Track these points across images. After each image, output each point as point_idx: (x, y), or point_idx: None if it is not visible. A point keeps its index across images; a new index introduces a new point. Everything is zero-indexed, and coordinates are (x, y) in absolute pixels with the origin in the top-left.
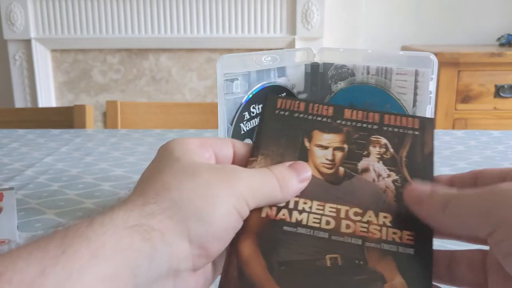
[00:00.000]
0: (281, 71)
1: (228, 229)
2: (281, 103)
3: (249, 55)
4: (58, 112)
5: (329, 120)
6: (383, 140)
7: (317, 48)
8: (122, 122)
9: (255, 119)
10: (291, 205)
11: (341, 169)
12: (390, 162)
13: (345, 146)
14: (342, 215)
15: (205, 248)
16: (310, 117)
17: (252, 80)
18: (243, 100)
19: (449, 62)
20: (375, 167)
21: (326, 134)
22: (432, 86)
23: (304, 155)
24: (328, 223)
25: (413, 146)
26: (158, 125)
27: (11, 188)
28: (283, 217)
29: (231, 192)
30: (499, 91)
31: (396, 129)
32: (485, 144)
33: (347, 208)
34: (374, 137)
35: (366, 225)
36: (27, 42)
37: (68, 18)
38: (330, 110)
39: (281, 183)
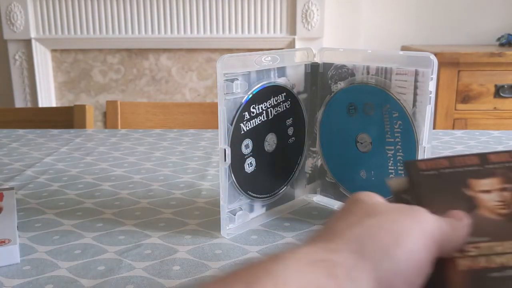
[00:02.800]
0: (281, 71)
1: (415, 269)
2: (423, 165)
3: (249, 55)
4: (58, 112)
5: (479, 168)
6: None
7: (317, 48)
8: (122, 122)
9: (255, 119)
10: (486, 251)
11: None
12: None
13: (508, 185)
14: None
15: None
16: (458, 169)
17: (252, 80)
18: (243, 100)
19: (449, 62)
20: None
21: (483, 180)
22: (432, 86)
23: (471, 204)
24: None
25: None
26: (158, 125)
27: (11, 188)
28: (483, 265)
29: (419, 228)
30: (499, 91)
31: None
32: (485, 144)
33: None
34: None
35: None
36: (27, 42)
37: (68, 18)
38: (475, 159)
39: (456, 226)
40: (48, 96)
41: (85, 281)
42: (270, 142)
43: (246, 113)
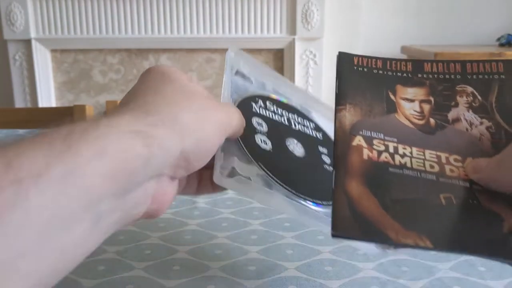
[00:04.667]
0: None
1: (211, 150)
2: (357, 60)
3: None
4: (58, 112)
5: (409, 75)
6: (469, 89)
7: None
8: None
9: (273, 114)
10: (391, 149)
11: (432, 120)
12: (481, 110)
13: (431, 98)
14: (443, 160)
15: (189, 162)
16: (390, 73)
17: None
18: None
19: None
20: (465, 116)
21: (409, 88)
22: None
23: (391, 107)
24: (432, 167)
25: (501, 90)
26: None
27: None
28: (386, 159)
29: (221, 119)
30: None
31: (480, 76)
32: None
33: (447, 155)
34: (460, 87)
35: None
36: (27, 42)
37: (68, 18)
38: (409, 66)
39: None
40: (48, 96)
41: (85, 281)
42: (293, 145)
43: (261, 101)
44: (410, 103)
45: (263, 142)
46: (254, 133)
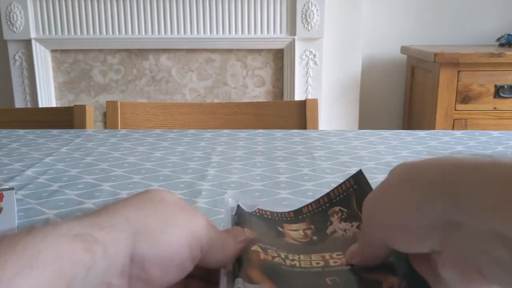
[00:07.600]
0: None
1: (174, 260)
2: (253, 211)
3: None
4: (58, 112)
5: (293, 218)
6: (337, 208)
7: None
8: (122, 122)
9: None
10: (283, 256)
11: (314, 237)
12: (349, 218)
13: (312, 226)
14: (327, 257)
15: (146, 271)
16: (277, 218)
17: None
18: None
19: (449, 62)
20: (339, 227)
21: (294, 224)
22: None
23: (281, 234)
24: (318, 263)
25: (357, 196)
26: (158, 125)
27: (11, 188)
28: (278, 261)
29: (189, 227)
30: (499, 91)
31: (341, 195)
32: (485, 144)
33: (330, 253)
34: (331, 211)
35: None
36: (27, 42)
37: (68, 18)
38: (292, 214)
39: (228, 241)
40: (48, 96)
41: None
42: None
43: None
44: (296, 231)
45: None
46: None
